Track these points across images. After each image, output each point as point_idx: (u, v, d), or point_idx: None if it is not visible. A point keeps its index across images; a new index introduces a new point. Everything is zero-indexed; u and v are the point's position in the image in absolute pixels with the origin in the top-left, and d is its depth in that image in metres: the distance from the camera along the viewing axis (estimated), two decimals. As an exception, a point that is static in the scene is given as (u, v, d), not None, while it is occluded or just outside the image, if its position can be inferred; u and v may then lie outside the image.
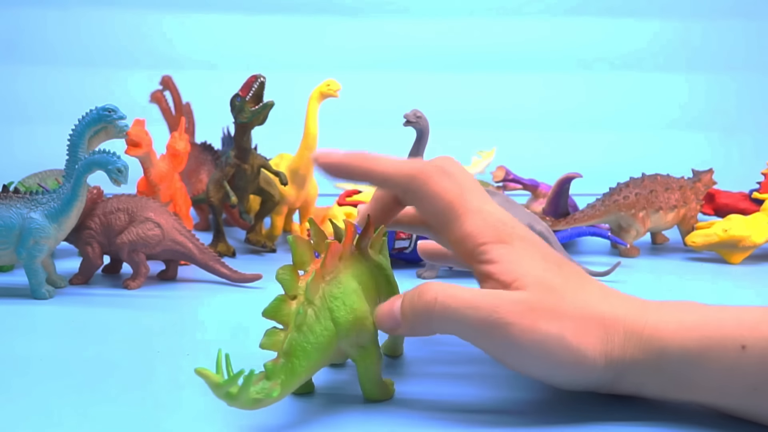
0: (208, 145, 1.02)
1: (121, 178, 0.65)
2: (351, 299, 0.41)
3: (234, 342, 0.56)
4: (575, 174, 0.91)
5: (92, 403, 0.43)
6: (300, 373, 0.39)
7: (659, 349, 0.39)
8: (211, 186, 0.85)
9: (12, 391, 0.45)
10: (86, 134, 0.68)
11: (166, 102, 1.10)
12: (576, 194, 0.97)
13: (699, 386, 0.40)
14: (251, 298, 0.69)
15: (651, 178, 0.91)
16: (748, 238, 0.85)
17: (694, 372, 0.39)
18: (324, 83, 0.90)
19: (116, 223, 0.71)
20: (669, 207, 0.90)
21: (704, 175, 0.96)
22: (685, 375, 0.39)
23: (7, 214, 0.66)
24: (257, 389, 0.38)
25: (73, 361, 0.50)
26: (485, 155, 1.28)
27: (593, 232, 0.87)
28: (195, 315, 0.64)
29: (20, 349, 0.53)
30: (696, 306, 0.41)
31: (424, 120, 0.80)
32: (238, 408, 0.37)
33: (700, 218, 1.02)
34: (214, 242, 0.86)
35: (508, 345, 0.39)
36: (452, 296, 0.40)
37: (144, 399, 0.44)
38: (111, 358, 0.51)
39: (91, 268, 0.72)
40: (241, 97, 0.80)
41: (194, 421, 0.41)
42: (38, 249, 0.66)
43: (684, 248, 0.94)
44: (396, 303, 0.42)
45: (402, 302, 0.42)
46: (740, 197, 1.03)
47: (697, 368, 0.39)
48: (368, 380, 0.42)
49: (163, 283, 0.74)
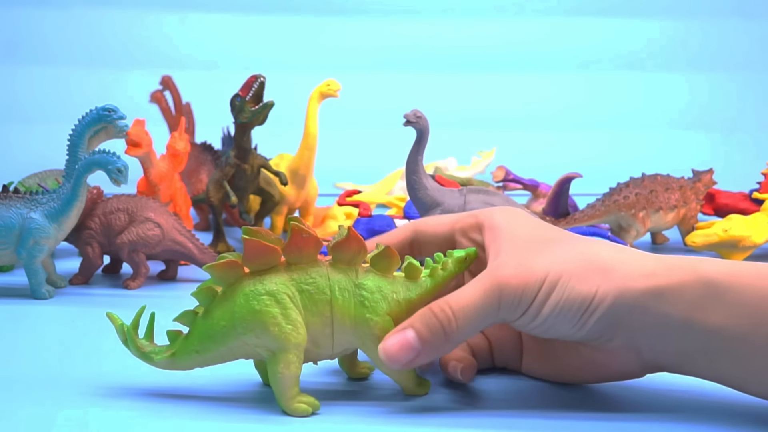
0: (208, 145, 1.02)
1: (121, 178, 0.65)
2: (261, 300, 0.40)
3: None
4: (575, 174, 0.91)
5: (92, 403, 0.43)
6: (192, 350, 0.42)
7: (709, 277, 0.39)
8: (211, 186, 0.85)
9: (12, 391, 0.45)
10: (86, 134, 0.68)
11: (166, 102, 1.10)
12: (576, 194, 0.97)
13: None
14: (251, 298, 0.69)
15: (651, 178, 0.91)
16: (748, 238, 0.85)
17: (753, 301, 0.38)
18: (324, 83, 0.90)
19: (116, 223, 0.71)
20: (669, 207, 0.90)
21: (704, 175, 0.96)
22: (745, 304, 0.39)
23: (7, 214, 0.66)
24: (147, 344, 0.43)
25: (72, 362, 0.50)
26: (485, 155, 1.28)
27: (593, 232, 0.87)
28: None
29: (20, 349, 0.53)
30: None
31: (424, 120, 0.80)
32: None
33: (700, 218, 1.01)
34: (214, 242, 0.86)
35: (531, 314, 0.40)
36: (460, 297, 0.40)
37: (144, 399, 0.44)
38: (111, 359, 0.51)
39: (91, 268, 0.72)
40: (241, 97, 0.80)
41: (194, 420, 0.41)
42: (38, 249, 0.66)
43: (684, 248, 0.94)
44: (407, 333, 0.40)
45: (415, 329, 0.40)
46: (740, 197, 1.03)
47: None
48: (275, 387, 0.41)
49: (163, 283, 0.74)
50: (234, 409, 0.42)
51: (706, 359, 0.40)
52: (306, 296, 0.41)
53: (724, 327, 0.38)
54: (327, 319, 0.41)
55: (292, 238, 0.41)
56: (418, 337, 0.40)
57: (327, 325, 0.42)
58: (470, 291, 0.40)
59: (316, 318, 0.41)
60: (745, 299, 0.38)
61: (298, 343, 0.41)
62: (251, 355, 0.43)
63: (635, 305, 0.39)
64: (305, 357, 0.42)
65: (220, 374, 0.47)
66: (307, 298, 0.41)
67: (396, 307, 0.42)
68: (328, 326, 0.42)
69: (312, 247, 0.41)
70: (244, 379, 0.46)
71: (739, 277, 0.39)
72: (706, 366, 0.40)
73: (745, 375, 0.40)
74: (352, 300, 0.42)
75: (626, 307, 0.39)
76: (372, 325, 0.41)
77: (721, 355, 0.39)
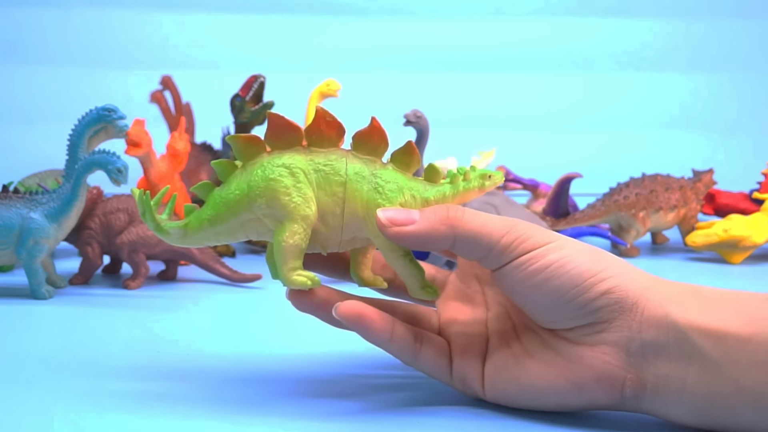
0: (208, 145, 1.02)
1: (121, 178, 0.65)
2: (276, 170, 0.41)
3: (234, 342, 0.55)
4: (575, 174, 0.91)
5: (92, 403, 0.43)
6: (204, 219, 0.42)
7: (682, 329, 0.36)
8: (211, 186, 0.85)
9: (12, 390, 0.45)
10: (86, 134, 0.68)
11: (166, 102, 1.10)
12: (576, 194, 0.97)
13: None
14: (251, 298, 0.69)
15: (651, 178, 0.91)
16: (748, 238, 0.85)
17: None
18: (324, 83, 0.90)
19: (116, 223, 0.71)
20: (669, 207, 0.90)
21: (704, 175, 0.96)
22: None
23: (7, 214, 0.66)
24: (164, 218, 0.43)
25: (72, 362, 0.50)
26: (485, 155, 1.28)
27: (593, 232, 0.87)
28: (195, 315, 0.64)
29: (20, 349, 0.53)
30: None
31: (424, 120, 0.80)
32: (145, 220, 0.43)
33: (700, 218, 1.02)
34: (214, 242, 0.86)
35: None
36: (475, 214, 0.40)
37: (144, 399, 0.44)
38: (111, 359, 0.51)
39: (91, 268, 0.72)
40: (241, 97, 0.80)
41: (194, 420, 0.41)
42: (38, 249, 0.66)
43: (684, 248, 0.94)
44: (411, 211, 0.40)
45: (420, 211, 0.40)
46: (740, 197, 1.03)
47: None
48: (277, 257, 0.41)
49: (163, 283, 0.74)
50: (234, 408, 0.42)
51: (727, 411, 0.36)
52: (321, 176, 0.41)
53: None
54: (339, 200, 0.41)
55: (316, 120, 0.41)
56: (421, 214, 0.40)
57: (338, 205, 0.41)
58: (488, 215, 0.40)
59: (329, 197, 0.41)
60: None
61: (306, 215, 0.40)
62: (260, 233, 0.42)
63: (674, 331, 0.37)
64: (313, 239, 0.41)
65: (220, 374, 0.47)
66: (322, 177, 0.41)
67: (411, 201, 0.42)
68: (338, 206, 0.41)
69: (334, 131, 0.41)
70: (244, 378, 0.46)
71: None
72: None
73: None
74: (367, 185, 0.41)
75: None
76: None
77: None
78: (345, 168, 0.41)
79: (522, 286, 0.39)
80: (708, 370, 0.36)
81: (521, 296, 0.39)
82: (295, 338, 0.55)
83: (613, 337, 0.38)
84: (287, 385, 0.45)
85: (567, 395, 0.39)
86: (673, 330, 0.37)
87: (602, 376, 0.38)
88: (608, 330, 0.38)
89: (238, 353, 0.52)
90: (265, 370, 0.48)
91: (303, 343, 0.53)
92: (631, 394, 0.38)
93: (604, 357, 0.38)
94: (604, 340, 0.38)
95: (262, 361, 0.50)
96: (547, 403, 0.40)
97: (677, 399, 0.37)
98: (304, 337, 0.55)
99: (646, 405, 0.38)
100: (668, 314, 0.37)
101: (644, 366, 0.37)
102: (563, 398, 0.39)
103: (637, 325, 0.37)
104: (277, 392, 0.44)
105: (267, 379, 0.46)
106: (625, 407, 0.38)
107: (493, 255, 0.39)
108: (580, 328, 0.38)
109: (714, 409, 0.36)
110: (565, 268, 0.37)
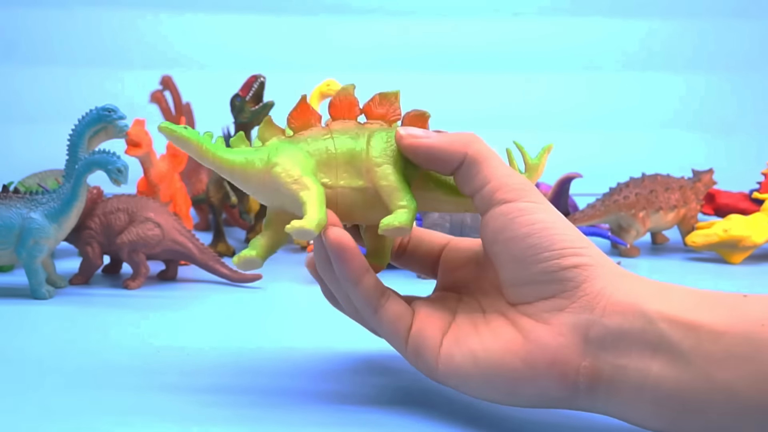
0: (208, 145, 1.02)
1: (121, 178, 0.65)
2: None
3: (234, 342, 0.56)
4: (575, 174, 0.91)
5: (92, 402, 0.43)
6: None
7: (653, 319, 0.35)
8: (211, 186, 0.85)
9: (12, 390, 0.45)
10: (86, 134, 0.68)
11: (166, 102, 1.10)
12: (576, 194, 0.97)
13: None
14: (251, 298, 0.69)
15: (651, 178, 0.91)
16: (748, 238, 0.85)
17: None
18: (324, 83, 0.90)
19: (116, 223, 0.71)
20: (669, 207, 0.90)
21: (704, 175, 0.96)
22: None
23: (7, 214, 0.66)
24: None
25: (72, 362, 0.50)
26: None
27: (593, 232, 0.87)
28: (195, 315, 0.64)
29: (20, 349, 0.53)
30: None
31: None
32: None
33: (700, 218, 1.02)
34: (214, 242, 0.86)
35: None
36: (492, 150, 0.41)
37: (144, 399, 0.44)
38: (111, 358, 0.51)
39: (91, 268, 0.72)
40: (241, 97, 0.80)
41: (194, 420, 0.41)
42: (38, 249, 0.66)
43: (684, 248, 0.94)
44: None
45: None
46: (740, 197, 1.03)
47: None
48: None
49: (163, 283, 0.74)
50: (234, 408, 0.42)
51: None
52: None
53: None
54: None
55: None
56: (442, 134, 0.42)
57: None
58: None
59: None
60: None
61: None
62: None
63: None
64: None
65: (220, 374, 0.47)
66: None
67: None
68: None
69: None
70: (244, 378, 0.46)
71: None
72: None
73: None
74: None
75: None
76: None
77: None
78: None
79: (503, 236, 0.39)
80: (675, 363, 0.34)
81: (500, 246, 0.39)
82: (295, 338, 0.55)
83: (572, 318, 0.36)
84: (287, 384, 0.45)
85: (519, 378, 0.37)
86: (640, 318, 0.35)
87: (556, 360, 0.36)
88: (569, 308, 0.36)
89: (238, 353, 0.52)
90: (265, 370, 0.48)
91: (303, 342, 0.53)
92: (585, 386, 0.36)
93: (560, 338, 0.36)
94: (564, 319, 0.36)
95: (262, 361, 0.50)
96: (498, 387, 0.38)
97: (637, 396, 0.35)
98: (305, 337, 0.55)
99: (602, 403, 0.36)
100: (637, 302, 0.35)
101: (602, 355, 0.35)
102: (515, 382, 0.37)
103: (601, 309, 0.36)
104: (277, 392, 0.44)
105: (267, 379, 0.46)
106: (580, 404, 0.37)
107: (488, 190, 0.40)
108: (542, 302, 0.37)
109: (681, 408, 0.34)
110: (549, 231, 0.38)
